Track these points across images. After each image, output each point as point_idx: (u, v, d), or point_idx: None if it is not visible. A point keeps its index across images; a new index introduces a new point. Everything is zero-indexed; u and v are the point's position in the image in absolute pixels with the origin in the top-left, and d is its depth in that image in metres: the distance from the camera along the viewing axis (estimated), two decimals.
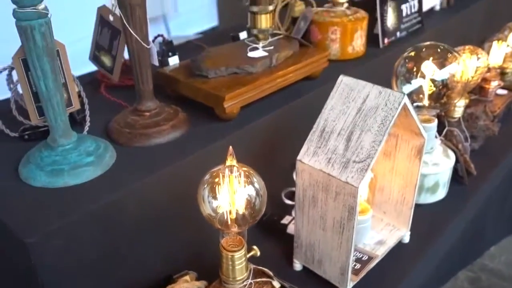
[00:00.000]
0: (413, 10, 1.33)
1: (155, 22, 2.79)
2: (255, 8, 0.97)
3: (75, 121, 0.87)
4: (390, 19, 1.25)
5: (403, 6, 1.29)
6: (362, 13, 1.18)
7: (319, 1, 1.24)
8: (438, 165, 0.99)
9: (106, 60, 0.94)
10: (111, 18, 0.89)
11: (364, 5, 1.26)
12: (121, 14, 0.76)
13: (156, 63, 0.88)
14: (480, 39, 1.42)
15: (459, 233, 1.09)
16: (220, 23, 3.52)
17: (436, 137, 1.00)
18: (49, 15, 0.65)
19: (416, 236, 0.92)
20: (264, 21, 0.98)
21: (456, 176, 1.07)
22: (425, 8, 1.42)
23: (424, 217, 0.98)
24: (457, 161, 1.04)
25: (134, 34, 0.77)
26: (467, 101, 1.16)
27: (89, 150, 0.76)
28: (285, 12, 1.21)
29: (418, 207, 0.97)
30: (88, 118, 0.86)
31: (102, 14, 0.91)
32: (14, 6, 0.64)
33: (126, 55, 0.89)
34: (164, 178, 0.78)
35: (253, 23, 0.99)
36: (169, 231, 0.82)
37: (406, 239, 0.92)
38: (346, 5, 1.19)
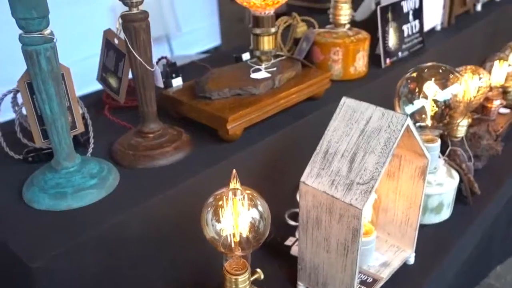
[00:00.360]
0: (414, 31, 1.34)
1: (158, 41, 2.83)
2: (257, 30, 0.98)
3: (79, 143, 0.87)
4: (392, 40, 1.27)
5: (404, 27, 1.30)
6: (364, 34, 1.19)
7: (321, 22, 1.25)
8: (442, 185, 0.99)
9: (113, 82, 0.95)
10: (116, 41, 0.90)
11: (366, 26, 1.27)
12: (126, 38, 0.77)
13: (161, 85, 0.89)
14: (481, 58, 1.43)
15: (465, 253, 1.08)
16: (222, 42, 3.56)
17: (439, 157, 1.00)
18: (54, 40, 0.66)
19: (421, 257, 0.91)
20: (267, 43, 0.99)
21: (460, 196, 1.07)
22: (426, 28, 1.43)
23: (429, 238, 0.97)
24: (461, 181, 1.04)
25: (138, 58, 0.78)
26: (470, 120, 1.16)
27: (92, 172, 0.76)
28: (287, 33, 1.22)
29: (423, 227, 0.96)
30: (92, 140, 0.87)
31: (107, 37, 0.92)
32: (20, 31, 0.65)
33: (130, 76, 0.90)
34: (167, 200, 0.78)
35: (255, 45, 1.00)
36: (173, 253, 0.82)
37: (411, 261, 0.91)
38: (348, 26, 1.20)
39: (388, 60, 1.26)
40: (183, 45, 3.05)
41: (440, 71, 0.94)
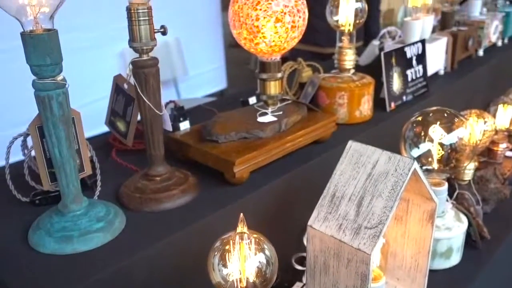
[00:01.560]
0: (418, 75, 1.36)
1: (166, 85, 2.89)
2: (264, 75, 1.00)
3: (86, 186, 0.87)
4: (396, 84, 1.28)
5: (408, 72, 1.32)
6: (368, 79, 1.21)
7: (325, 67, 1.28)
8: (451, 230, 0.97)
9: (121, 126, 0.97)
10: (125, 86, 0.92)
11: (370, 70, 1.29)
12: (135, 83, 0.79)
13: (170, 128, 0.90)
14: (484, 102, 1.44)
15: None
16: (228, 85, 3.62)
17: (447, 200, 0.99)
18: (66, 85, 0.68)
19: None
20: (273, 88, 1.01)
21: (470, 240, 1.05)
22: (430, 72, 1.45)
23: (440, 283, 0.95)
24: (470, 225, 1.03)
25: (148, 102, 0.79)
26: (476, 163, 1.16)
27: (99, 215, 0.76)
28: (292, 77, 1.25)
29: (433, 273, 0.94)
30: (99, 183, 0.87)
31: (117, 82, 0.95)
32: (34, 77, 0.67)
33: (138, 118, 0.91)
34: (174, 243, 0.77)
35: (262, 89, 1.02)
36: None
37: None
38: (352, 71, 1.22)
39: (392, 104, 1.28)
40: (190, 88, 3.11)
41: (445, 115, 0.95)
